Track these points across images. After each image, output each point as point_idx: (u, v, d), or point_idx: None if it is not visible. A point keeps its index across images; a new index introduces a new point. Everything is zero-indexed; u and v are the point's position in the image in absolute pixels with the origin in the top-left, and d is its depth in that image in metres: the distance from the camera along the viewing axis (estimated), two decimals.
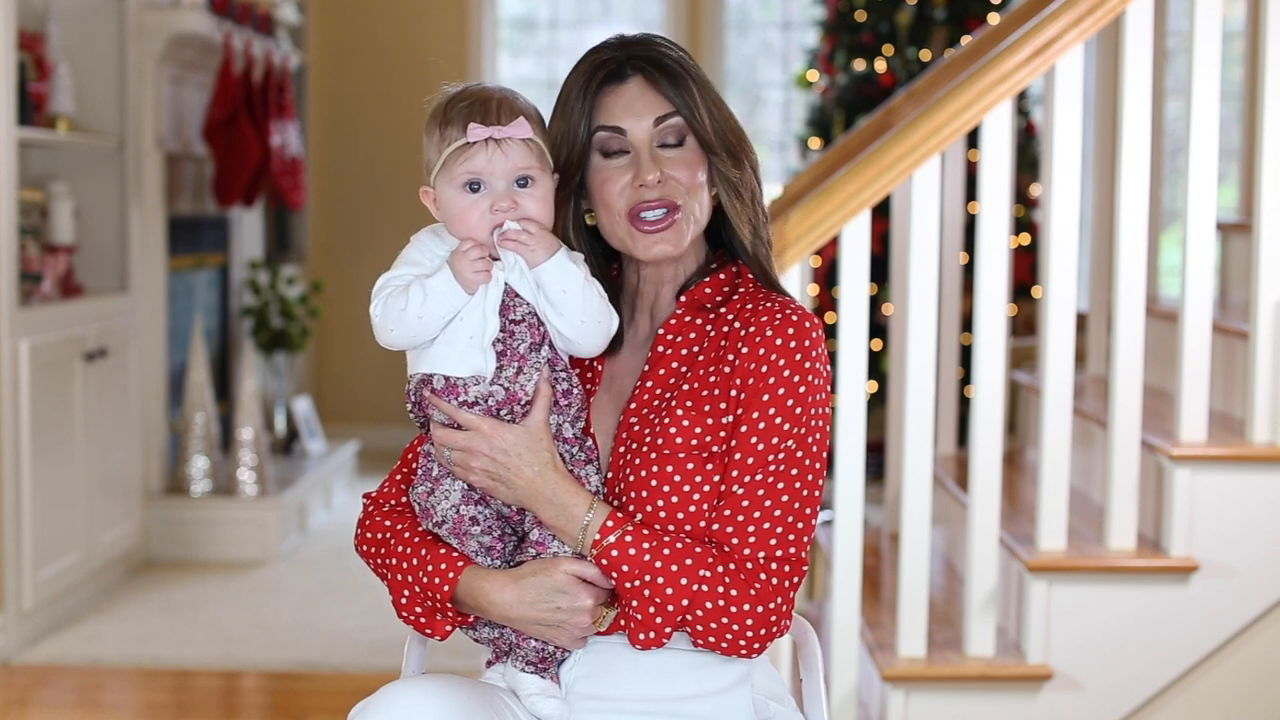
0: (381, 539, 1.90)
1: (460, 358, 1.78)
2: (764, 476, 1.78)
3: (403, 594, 1.85)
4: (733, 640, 1.78)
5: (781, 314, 1.82)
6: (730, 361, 1.82)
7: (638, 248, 1.86)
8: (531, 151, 1.81)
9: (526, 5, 7.76)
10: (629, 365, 1.91)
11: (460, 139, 1.78)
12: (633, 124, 1.85)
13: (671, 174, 1.84)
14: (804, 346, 1.81)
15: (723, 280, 1.91)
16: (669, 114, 1.85)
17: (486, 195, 1.79)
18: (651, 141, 1.85)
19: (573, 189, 1.89)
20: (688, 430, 1.80)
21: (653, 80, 1.85)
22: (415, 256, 1.83)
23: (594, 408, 1.89)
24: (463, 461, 1.79)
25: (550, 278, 1.79)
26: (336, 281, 7.40)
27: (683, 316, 1.88)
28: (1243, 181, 4.37)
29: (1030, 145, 6.02)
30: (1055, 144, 2.97)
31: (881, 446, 5.31)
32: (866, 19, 6.11)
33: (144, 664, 4.20)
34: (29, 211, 4.57)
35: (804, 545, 1.80)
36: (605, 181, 1.86)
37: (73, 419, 4.62)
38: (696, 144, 1.86)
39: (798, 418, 1.80)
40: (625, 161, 1.85)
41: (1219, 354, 3.31)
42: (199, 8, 5.24)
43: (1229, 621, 3.04)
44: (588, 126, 1.86)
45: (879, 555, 3.81)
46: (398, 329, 1.78)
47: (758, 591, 1.77)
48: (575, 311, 1.80)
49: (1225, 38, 2.99)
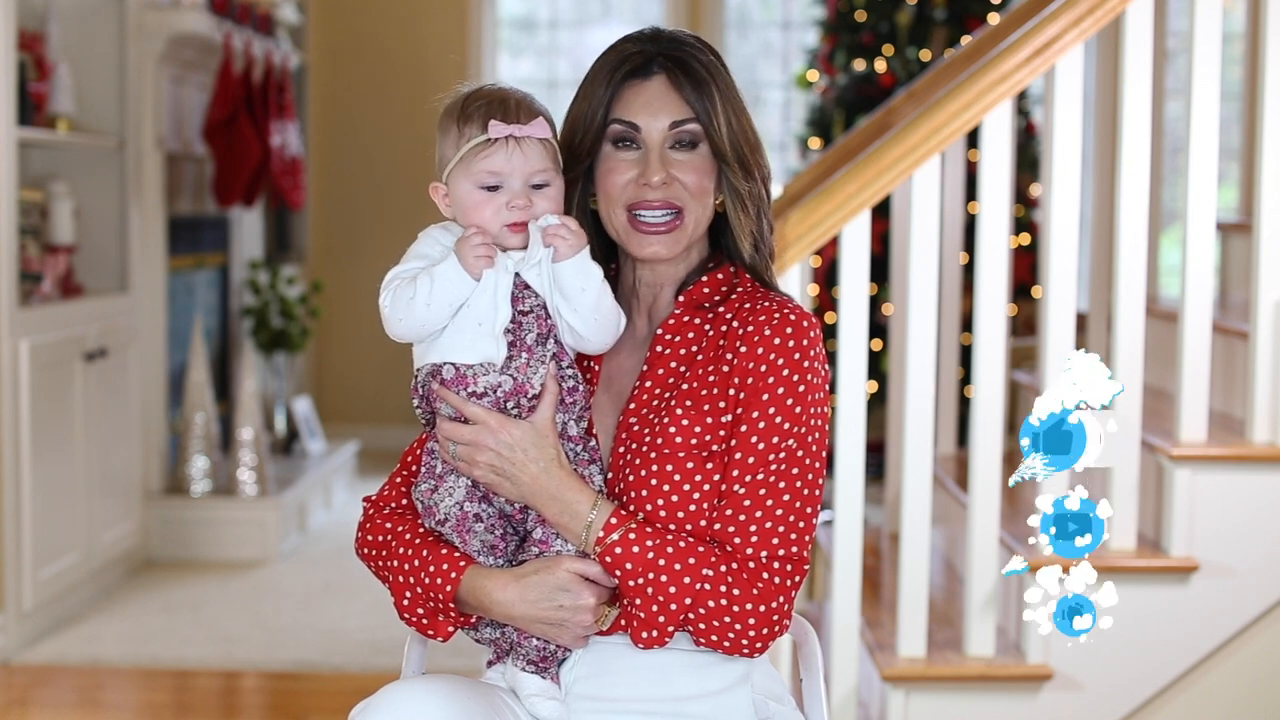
0: (382, 541, 1.89)
1: (470, 344, 1.78)
2: (765, 476, 1.79)
3: (404, 595, 1.85)
4: (735, 639, 1.78)
5: (780, 313, 1.82)
6: (729, 360, 1.82)
7: (632, 243, 1.86)
8: (547, 153, 1.82)
9: (526, 5, 7.76)
10: (627, 365, 1.91)
11: (480, 136, 1.78)
12: (648, 122, 1.84)
13: (679, 176, 1.84)
14: (803, 346, 1.81)
15: (720, 279, 1.90)
16: (686, 119, 1.84)
17: (503, 193, 1.80)
18: (664, 143, 1.84)
19: (580, 173, 1.89)
20: (687, 430, 1.80)
21: (676, 82, 1.84)
22: (423, 250, 1.83)
23: (594, 408, 1.89)
24: (468, 456, 1.79)
25: (572, 273, 1.79)
26: (336, 281, 7.40)
27: (681, 316, 1.88)
28: (1243, 181, 4.37)
29: (1030, 145, 6.01)
30: (1055, 144, 2.97)
31: (881, 446, 5.30)
32: (866, 19, 6.11)
33: (144, 664, 4.20)
34: (29, 211, 4.57)
35: (805, 544, 1.81)
36: (610, 172, 1.86)
37: (73, 419, 4.61)
38: (709, 150, 1.85)
39: (797, 417, 1.80)
40: (634, 156, 1.85)
41: (1219, 354, 3.31)
42: (199, 8, 5.24)
43: (1229, 621, 3.04)
44: (604, 115, 1.86)
45: (879, 555, 3.81)
46: (407, 318, 1.78)
47: (760, 591, 1.77)
48: (589, 309, 1.80)
49: (1225, 38, 2.99)
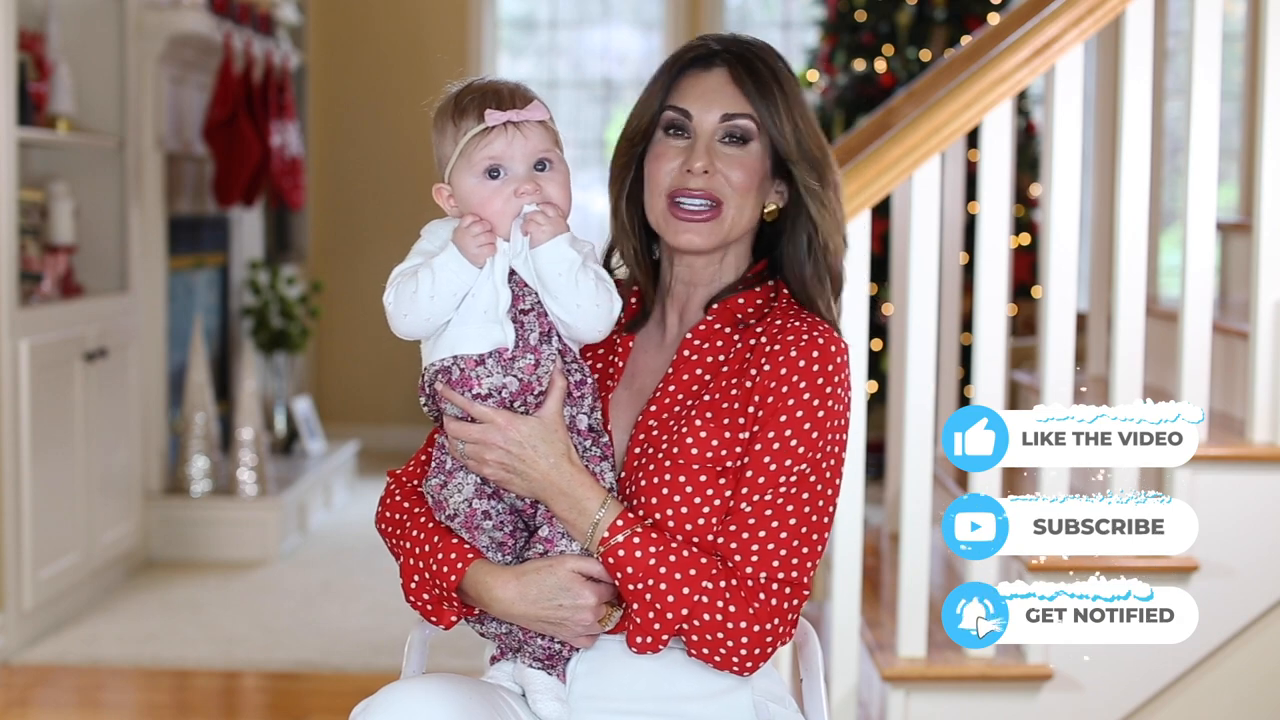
0: (399, 519, 1.90)
1: (478, 334, 1.77)
2: (773, 497, 1.78)
3: (413, 578, 1.85)
4: (725, 655, 1.77)
5: (809, 335, 1.80)
6: (752, 376, 1.80)
7: (669, 231, 1.85)
8: (548, 134, 1.80)
9: (526, 5, 7.76)
10: (654, 364, 1.90)
11: (477, 126, 1.77)
12: (701, 111, 1.83)
13: (724, 170, 1.82)
14: (827, 371, 1.78)
15: (758, 295, 1.88)
16: (740, 114, 1.83)
17: (508, 181, 1.78)
18: (714, 134, 1.83)
19: (634, 159, 1.88)
20: (704, 442, 1.79)
21: (736, 77, 1.84)
22: (425, 245, 1.82)
23: (613, 403, 1.88)
24: (477, 454, 1.78)
25: (545, 259, 1.77)
26: (336, 281, 7.39)
27: (713, 324, 1.86)
28: (1243, 181, 4.37)
29: (1030, 145, 6.02)
30: (1055, 144, 2.97)
31: (881, 446, 5.30)
32: (866, 19, 6.11)
33: (144, 664, 4.20)
34: (29, 211, 4.57)
35: (807, 569, 1.79)
36: (658, 158, 1.85)
37: (73, 419, 4.61)
38: (760, 150, 1.84)
39: (814, 442, 1.79)
40: (683, 145, 1.84)
41: (1219, 354, 3.31)
42: (199, 8, 5.24)
43: (1229, 621, 3.04)
44: (660, 102, 1.85)
45: (879, 555, 3.81)
46: (411, 313, 1.77)
47: (756, 611, 1.76)
48: (568, 294, 1.78)
49: (1225, 38, 2.99)
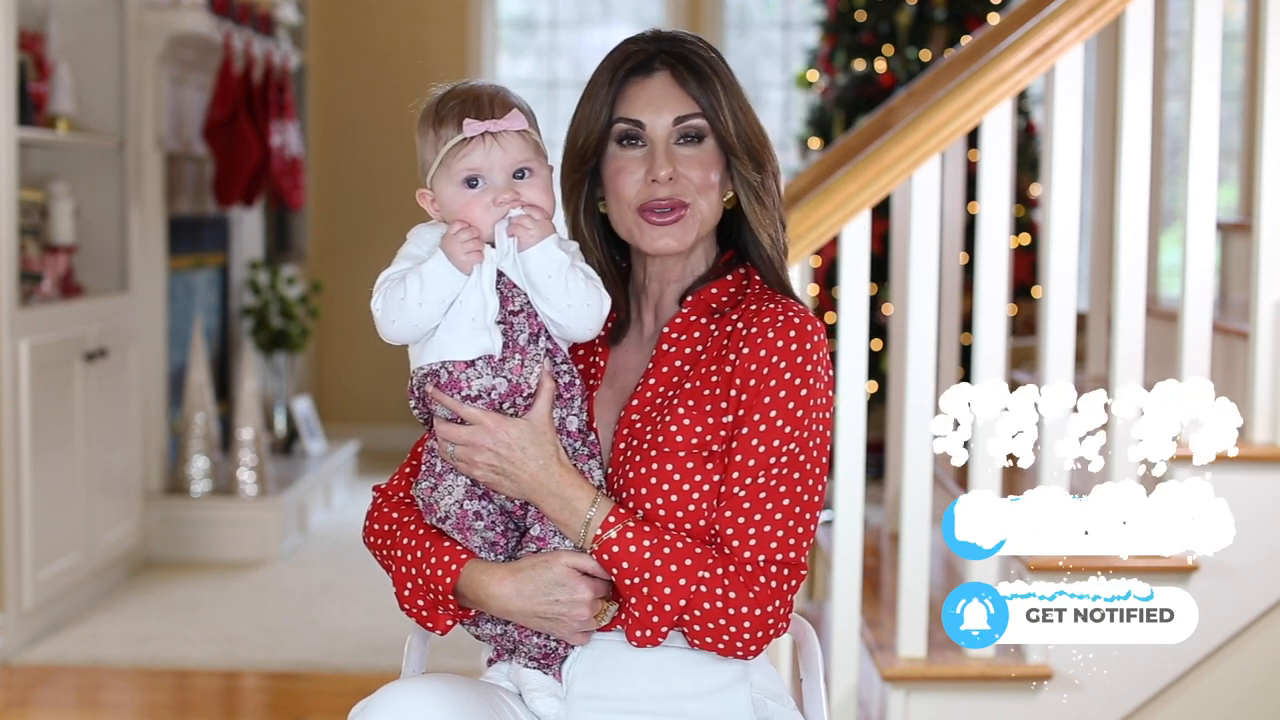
0: (388, 530, 1.90)
1: (466, 340, 1.78)
2: (765, 479, 1.78)
3: (406, 586, 1.86)
4: (729, 641, 1.78)
5: (784, 316, 1.81)
6: (731, 361, 1.81)
7: (644, 239, 1.86)
8: (527, 143, 1.81)
9: (526, 5, 7.76)
10: (633, 361, 1.91)
11: (456, 136, 1.78)
12: (652, 119, 1.85)
13: (684, 172, 1.84)
14: (805, 350, 1.80)
15: (730, 283, 1.90)
16: (691, 114, 1.84)
17: (487, 190, 1.79)
18: (669, 138, 1.84)
19: (586, 173, 1.89)
20: (689, 429, 1.80)
21: (679, 77, 1.85)
22: (412, 250, 1.83)
23: (596, 402, 1.89)
24: (466, 456, 1.79)
25: (535, 262, 1.78)
26: (336, 281, 7.40)
27: (689, 316, 1.88)
28: (1243, 181, 4.37)
29: (1030, 145, 6.01)
30: (1055, 144, 2.97)
31: (881, 446, 5.30)
32: (866, 19, 6.11)
33: (144, 664, 4.20)
34: (29, 211, 4.57)
35: (803, 549, 1.80)
36: (619, 172, 1.86)
37: (73, 419, 4.61)
38: (715, 145, 1.86)
39: (799, 421, 1.79)
40: (641, 154, 1.85)
41: (1219, 354, 3.31)
42: (199, 8, 5.24)
43: (1229, 621, 3.04)
44: (608, 115, 1.86)
45: (879, 555, 3.81)
46: (399, 319, 1.78)
47: (756, 594, 1.77)
48: (558, 295, 1.79)
49: (1225, 38, 2.99)
